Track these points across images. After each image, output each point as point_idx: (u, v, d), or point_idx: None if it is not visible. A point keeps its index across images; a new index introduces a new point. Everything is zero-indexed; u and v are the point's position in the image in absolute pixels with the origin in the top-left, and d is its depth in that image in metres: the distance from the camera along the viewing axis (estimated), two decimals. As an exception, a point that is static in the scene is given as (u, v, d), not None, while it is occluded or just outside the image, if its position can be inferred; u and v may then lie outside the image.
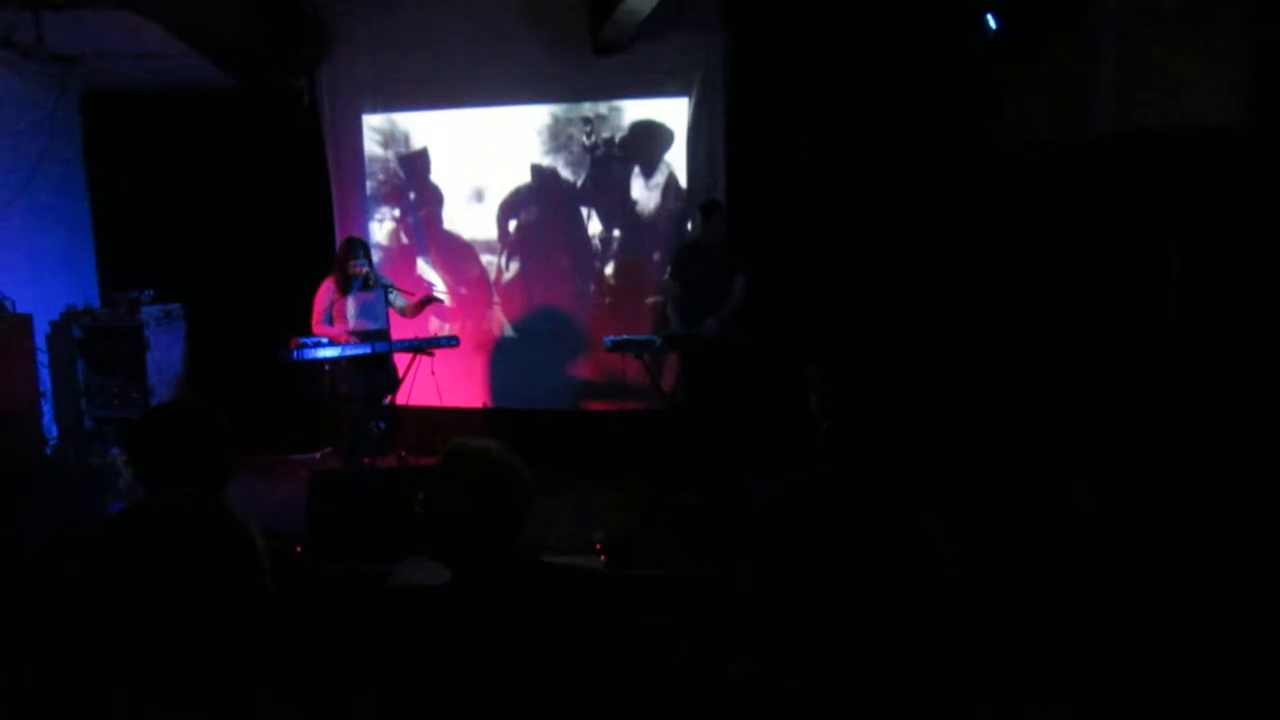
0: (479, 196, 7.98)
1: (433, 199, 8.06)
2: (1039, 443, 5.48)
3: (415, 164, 8.04)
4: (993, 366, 6.02)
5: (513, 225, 7.98)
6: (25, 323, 6.95)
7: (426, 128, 7.98)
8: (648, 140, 7.71)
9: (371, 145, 8.05)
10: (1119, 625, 4.04)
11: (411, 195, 8.09)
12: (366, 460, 6.96)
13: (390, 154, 8.06)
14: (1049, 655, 3.79)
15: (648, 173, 7.74)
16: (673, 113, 7.66)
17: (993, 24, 5.74)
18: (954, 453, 5.25)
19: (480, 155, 7.89)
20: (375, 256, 7.46)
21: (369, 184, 8.12)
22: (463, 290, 8.08)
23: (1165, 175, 4.85)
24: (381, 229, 8.17)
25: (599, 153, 7.76)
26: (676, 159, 7.68)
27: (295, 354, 6.57)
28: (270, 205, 7.99)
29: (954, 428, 5.64)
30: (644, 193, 7.77)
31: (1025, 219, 5.94)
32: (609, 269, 7.89)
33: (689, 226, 7.57)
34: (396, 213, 8.16)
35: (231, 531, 1.98)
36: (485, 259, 8.05)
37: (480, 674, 2.24)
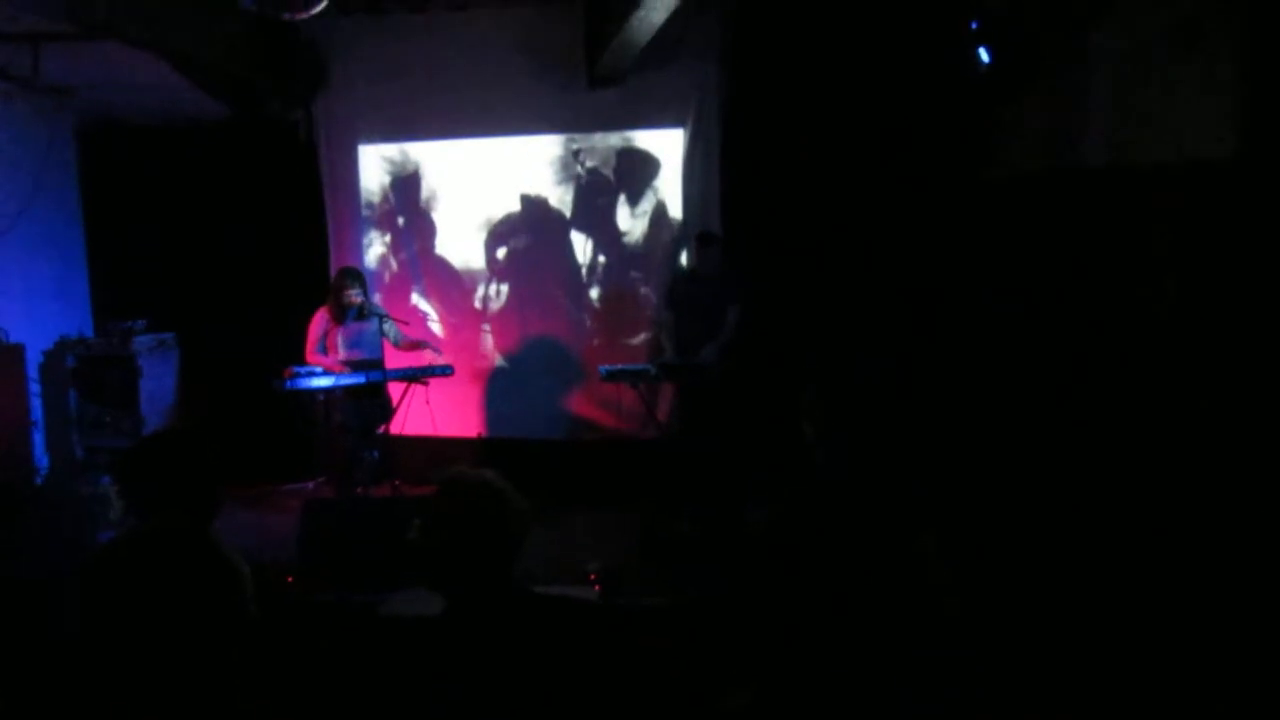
0: (473, 226, 7.98)
1: (428, 229, 8.07)
2: (1035, 464, 5.48)
3: (410, 195, 8.05)
4: (989, 394, 6.02)
5: (502, 253, 7.98)
6: (17, 352, 6.94)
7: (420, 157, 8.00)
8: (633, 169, 7.73)
9: (366, 175, 8.06)
10: (1118, 636, 4.03)
11: (406, 225, 8.09)
12: (360, 490, 6.93)
13: (385, 184, 8.06)
14: (1048, 673, 3.77)
15: (634, 200, 7.75)
16: (659, 141, 7.70)
17: (985, 58, 5.76)
18: (953, 482, 5.24)
19: (472, 184, 7.91)
20: (370, 286, 7.44)
21: (364, 214, 8.13)
22: (455, 320, 8.06)
23: (1158, 206, 4.87)
24: (376, 259, 8.16)
25: (583, 181, 7.78)
26: (666, 188, 7.70)
27: (289, 383, 6.56)
28: (265, 235, 8.00)
29: (952, 454, 5.64)
30: (631, 221, 7.78)
31: (1020, 249, 5.96)
32: (603, 298, 7.89)
33: (682, 259, 7.57)
34: (391, 243, 8.16)
35: (215, 562, 1.97)
36: (479, 288, 8.05)
37: (473, 704, 2.21)
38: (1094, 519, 4.92)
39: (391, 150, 8.03)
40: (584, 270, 7.89)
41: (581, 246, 7.88)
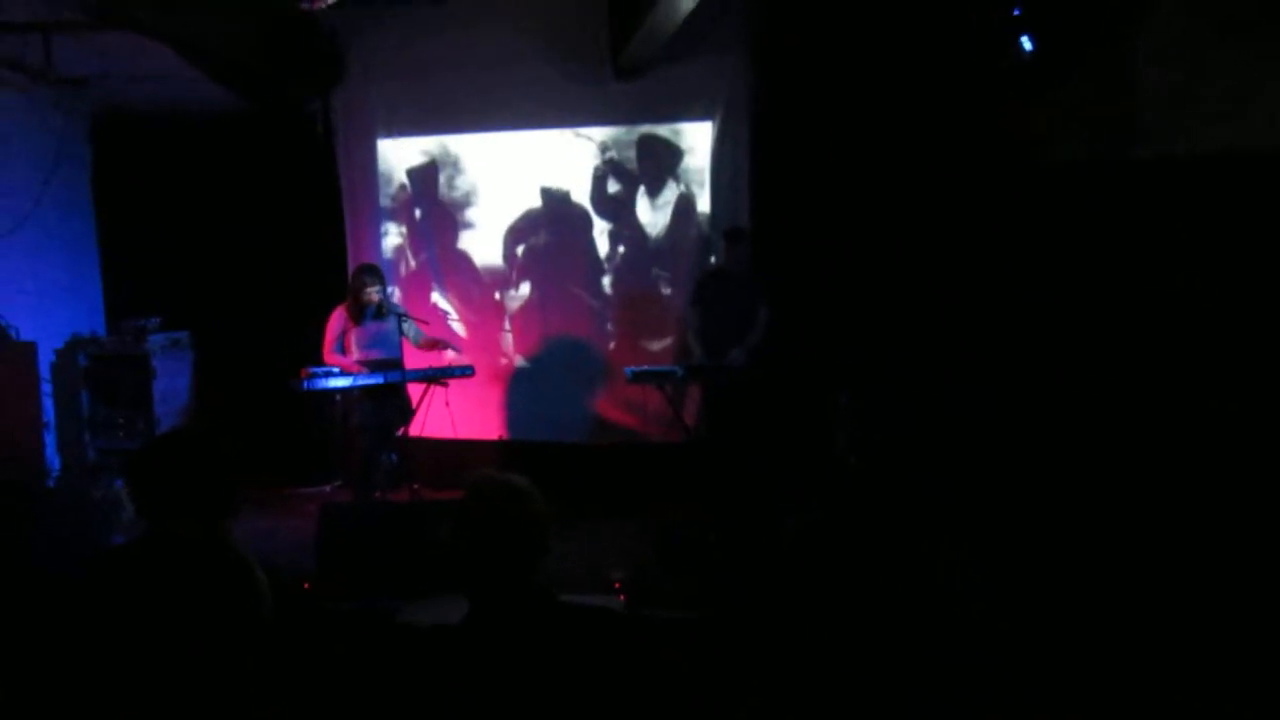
0: (494, 222, 7.99)
1: (447, 225, 8.08)
2: (1070, 465, 5.44)
3: (429, 190, 8.06)
4: (1026, 394, 5.97)
5: (521, 249, 7.98)
6: (29, 351, 6.97)
7: (440, 151, 8.01)
8: (653, 156, 7.72)
9: (385, 169, 8.08)
10: (1146, 639, 4.02)
11: (426, 221, 8.11)
12: (378, 494, 6.94)
13: (404, 179, 8.09)
14: (1070, 677, 3.75)
15: (654, 190, 7.73)
16: (687, 135, 7.69)
17: (1028, 46, 5.71)
18: (985, 485, 5.21)
19: (493, 179, 7.93)
20: (389, 284, 7.46)
21: (383, 209, 8.15)
22: (475, 319, 8.06)
23: (1209, 200, 4.82)
24: (396, 256, 8.18)
25: (602, 170, 7.78)
26: (693, 182, 7.68)
27: (306, 384, 6.57)
28: (281, 231, 8.03)
29: (985, 457, 5.60)
30: (653, 213, 7.76)
31: (1063, 245, 5.90)
32: (626, 298, 7.87)
33: (711, 258, 7.55)
34: (411, 239, 8.18)
35: (230, 566, 1.97)
36: (499, 287, 8.06)
37: (494, 716, 2.21)
38: (1124, 523, 4.89)
39: (411, 144, 8.05)
40: (606, 265, 7.88)
41: (603, 241, 7.88)
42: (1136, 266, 5.35)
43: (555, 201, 7.88)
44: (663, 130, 7.69)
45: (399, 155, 8.08)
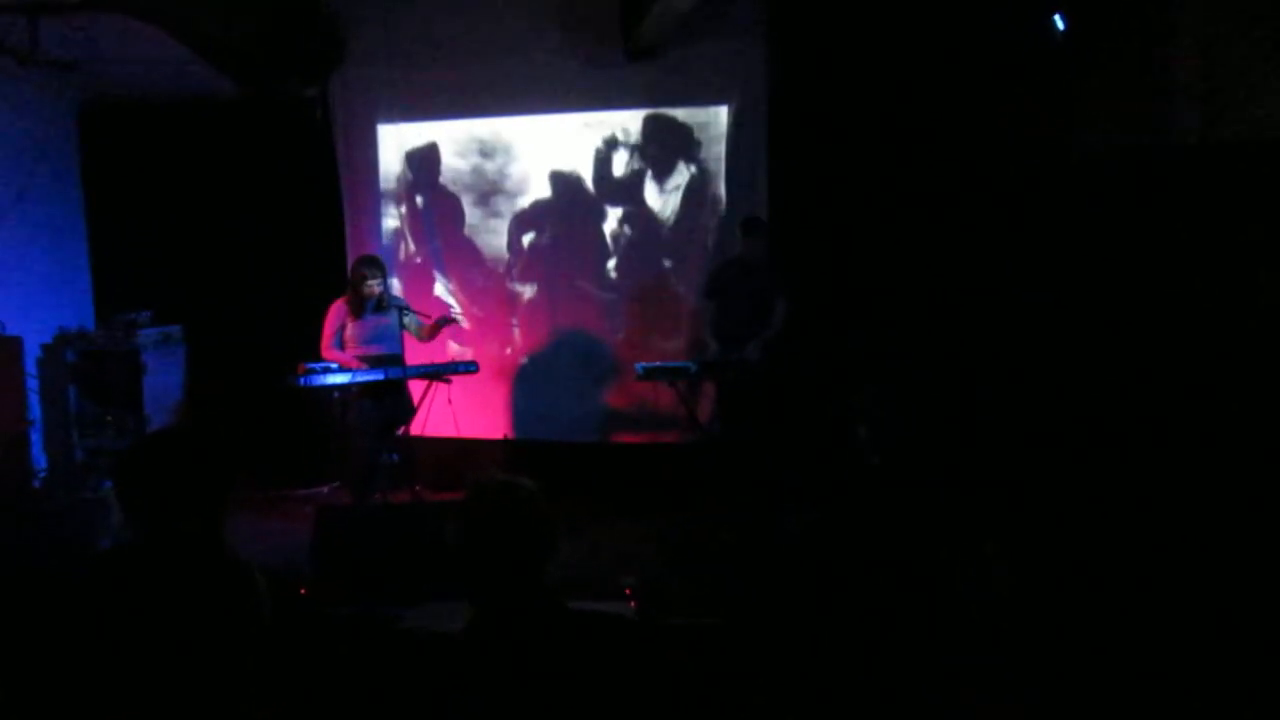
0: (499, 212, 7.97)
1: (450, 215, 8.05)
2: (1098, 464, 5.43)
3: (431, 178, 8.04)
4: (1053, 392, 5.95)
5: (528, 240, 7.95)
6: (15, 345, 6.98)
7: (443, 137, 7.99)
8: (659, 137, 7.69)
9: (386, 157, 8.05)
10: (1140, 639, 4.02)
11: (427, 212, 8.09)
12: (378, 496, 6.92)
13: (405, 167, 8.06)
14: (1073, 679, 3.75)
15: (662, 173, 7.69)
16: (701, 120, 7.65)
17: (1061, 25, 5.68)
18: (1007, 484, 5.19)
19: (499, 167, 7.90)
20: (389, 276, 7.43)
21: (383, 198, 8.13)
22: (480, 314, 8.04)
23: (1255, 187, 4.79)
24: (396, 245, 8.17)
25: (613, 157, 7.75)
26: (706, 169, 7.65)
27: (303, 380, 6.55)
28: (278, 221, 8.00)
29: (1008, 457, 5.58)
30: (660, 197, 7.74)
31: (1101, 236, 5.87)
32: (636, 291, 7.84)
33: (712, 243, 7.51)
34: (412, 231, 8.15)
35: (228, 570, 1.95)
36: (504, 279, 8.03)
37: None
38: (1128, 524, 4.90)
39: (413, 130, 8.02)
40: (616, 258, 7.86)
41: (614, 231, 7.85)
42: (1179, 260, 5.33)
43: (564, 190, 7.85)
44: (677, 114, 7.65)
45: (400, 141, 8.05)
